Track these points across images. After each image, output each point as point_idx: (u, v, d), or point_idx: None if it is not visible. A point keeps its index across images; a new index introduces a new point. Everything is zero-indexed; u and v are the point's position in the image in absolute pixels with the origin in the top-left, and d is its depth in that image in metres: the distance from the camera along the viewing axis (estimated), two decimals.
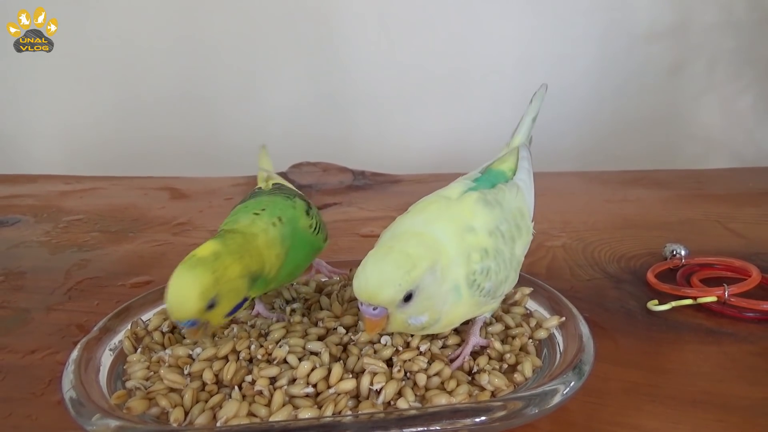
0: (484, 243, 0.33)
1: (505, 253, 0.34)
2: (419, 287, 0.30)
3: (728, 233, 0.62)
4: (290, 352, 0.35)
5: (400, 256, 0.30)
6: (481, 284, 0.33)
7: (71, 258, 0.63)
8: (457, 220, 0.34)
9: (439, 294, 0.31)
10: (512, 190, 0.38)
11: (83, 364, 0.35)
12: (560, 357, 0.36)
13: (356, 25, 1.11)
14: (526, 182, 0.40)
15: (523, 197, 0.39)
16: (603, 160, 1.11)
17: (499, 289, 0.34)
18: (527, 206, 0.39)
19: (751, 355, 0.39)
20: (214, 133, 1.20)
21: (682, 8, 1.04)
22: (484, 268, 0.33)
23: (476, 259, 0.33)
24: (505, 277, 0.35)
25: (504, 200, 0.37)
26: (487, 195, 0.36)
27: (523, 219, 0.37)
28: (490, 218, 0.35)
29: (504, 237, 0.35)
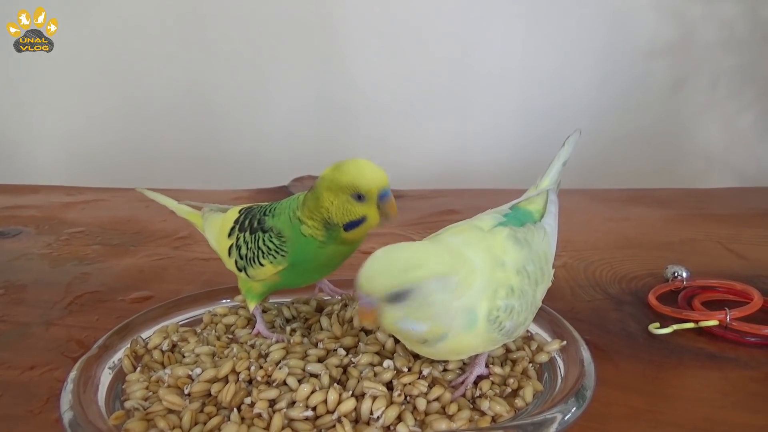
0: (513, 281, 0.32)
1: (529, 295, 0.33)
2: (418, 290, 0.29)
3: (729, 254, 0.62)
4: (290, 373, 0.34)
5: (410, 252, 0.30)
6: (503, 322, 0.31)
7: (72, 271, 0.63)
8: (492, 251, 0.33)
9: (447, 307, 0.30)
10: (540, 232, 0.37)
11: (82, 383, 0.35)
12: (561, 381, 0.36)
13: (359, 39, 1.12)
14: (552, 227, 0.39)
15: (548, 242, 0.37)
16: (603, 175, 1.11)
17: (517, 330, 0.33)
18: (551, 252, 0.38)
19: (753, 381, 0.39)
20: (216, 144, 1.20)
21: (683, 25, 1.04)
22: (509, 306, 0.32)
23: (502, 295, 0.31)
24: (525, 319, 0.33)
25: (532, 241, 0.35)
26: (517, 233, 0.35)
27: (546, 264, 0.36)
28: (519, 256, 0.34)
29: (530, 278, 0.33)
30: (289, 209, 0.39)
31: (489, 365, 0.36)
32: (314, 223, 0.37)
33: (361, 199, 0.36)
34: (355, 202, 0.36)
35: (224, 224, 0.42)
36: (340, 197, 0.36)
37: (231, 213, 0.43)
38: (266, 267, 0.38)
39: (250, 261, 0.39)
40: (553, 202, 0.41)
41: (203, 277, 0.60)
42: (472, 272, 0.31)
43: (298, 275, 0.40)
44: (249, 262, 0.39)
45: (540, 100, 1.11)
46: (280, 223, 0.39)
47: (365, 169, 0.36)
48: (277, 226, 0.39)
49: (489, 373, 0.36)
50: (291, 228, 0.38)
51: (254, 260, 0.39)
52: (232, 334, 0.42)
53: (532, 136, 1.13)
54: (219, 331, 0.42)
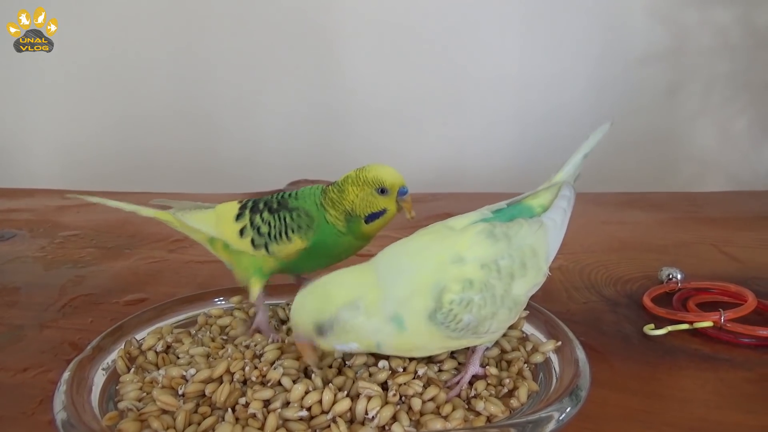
0: (472, 275, 0.33)
1: (497, 289, 0.33)
2: (333, 322, 0.32)
3: (724, 257, 0.63)
4: (285, 374, 0.34)
5: (319, 293, 0.34)
6: (458, 314, 0.32)
7: (66, 274, 0.62)
8: (447, 251, 0.34)
9: (365, 326, 0.32)
10: (533, 226, 0.36)
11: (75, 384, 0.35)
12: (556, 381, 0.36)
13: (355, 44, 1.12)
14: (555, 222, 0.38)
15: (543, 236, 0.36)
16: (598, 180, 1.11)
17: (483, 324, 0.33)
18: (546, 247, 0.37)
19: (747, 381, 0.39)
20: (212, 148, 1.20)
21: (678, 32, 1.05)
22: (465, 299, 0.32)
23: (455, 289, 0.32)
24: (492, 313, 0.33)
25: (515, 235, 0.35)
26: (496, 228, 0.35)
27: (533, 258, 0.35)
28: (489, 251, 0.34)
29: (500, 272, 0.33)
30: (314, 196, 0.43)
31: (485, 366, 0.36)
32: (336, 214, 0.41)
33: (384, 193, 0.41)
34: (378, 195, 0.41)
35: (225, 213, 0.44)
36: (365, 190, 0.41)
37: (227, 205, 0.45)
38: (295, 242, 0.41)
39: (275, 237, 0.42)
40: (564, 197, 0.39)
41: (198, 280, 0.60)
42: (379, 291, 0.33)
43: (312, 259, 0.43)
44: (273, 238, 0.42)
45: (536, 105, 1.12)
46: (307, 205, 0.42)
47: (389, 168, 0.42)
48: (305, 207, 0.42)
49: (485, 373, 0.36)
50: (317, 212, 0.42)
51: (281, 235, 0.41)
52: (226, 336, 0.42)
53: (528, 140, 1.13)
54: (213, 333, 0.42)
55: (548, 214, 0.38)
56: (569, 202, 0.39)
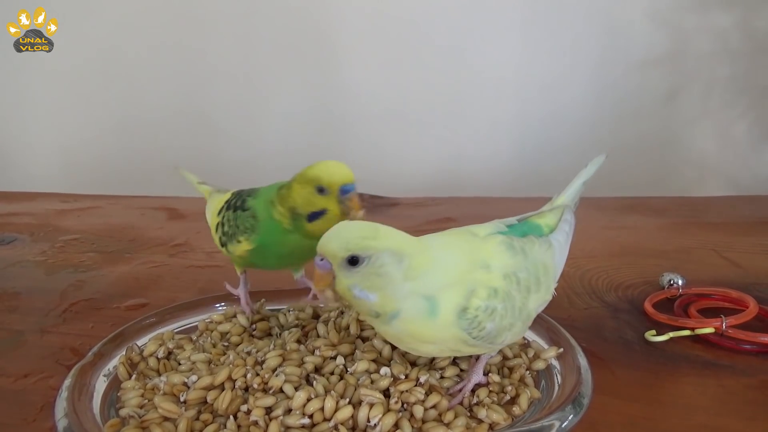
0: (497, 283, 0.33)
1: (517, 301, 0.33)
2: (372, 258, 0.30)
3: (724, 262, 0.63)
4: (286, 381, 0.34)
5: (370, 227, 0.31)
6: (483, 322, 0.32)
7: (67, 279, 0.62)
8: (475, 254, 0.33)
9: (396, 283, 0.31)
10: (543, 245, 0.36)
11: (76, 391, 0.35)
12: (558, 389, 0.36)
13: (354, 48, 1.12)
14: (561, 244, 0.38)
15: (551, 255, 0.37)
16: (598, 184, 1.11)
17: (501, 335, 0.33)
18: (554, 266, 0.37)
19: (749, 388, 0.39)
20: (212, 151, 1.20)
21: (677, 36, 1.05)
22: (490, 307, 0.32)
23: (482, 295, 0.32)
24: (510, 324, 0.33)
25: (531, 251, 0.35)
26: (514, 241, 0.35)
27: (545, 275, 0.35)
28: (510, 262, 0.34)
29: (519, 284, 0.33)
30: (269, 194, 0.42)
31: (488, 374, 0.36)
32: (283, 210, 0.41)
33: (323, 192, 0.39)
34: (317, 195, 0.39)
35: (218, 204, 0.46)
36: (306, 189, 0.39)
37: (227, 194, 0.46)
38: (242, 244, 0.42)
39: (230, 237, 0.43)
40: (567, 221, 0.40)
41: (198, 285, 0.60)
42: (428, 261, 0.32)
43: (266, 258, 0.43)
44: (229, 238, 0.43)
45: (536, 109, 1.12)
46: (257, 204, 0.42)
47: (330, 166, 0.40)
48: (254, 207, 0.42)
49: (488, 381, 0.36)
50: (265, 210, 0.41)
51: (233, 237, 0.42)
52: (228, 342, 0.42)
53: (527, 145, 1.13)
54: (215, 339, 0.42)
55: (554, 235, 0.38)
56: (570, 227, 0.40)
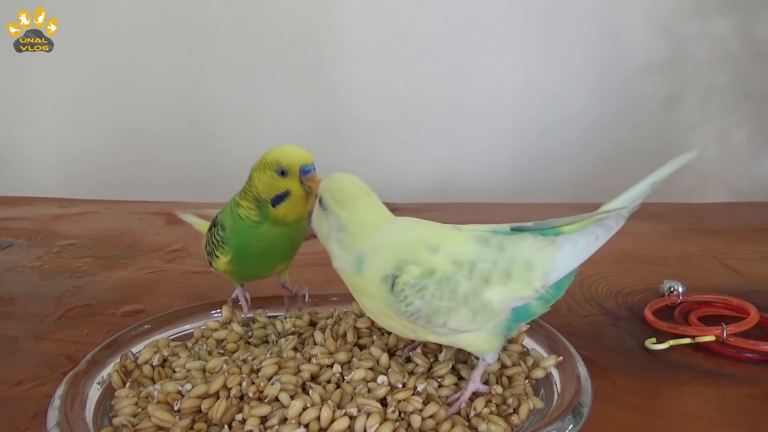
0: (438, 265, 0.33)
1: (461, 286, 0.33)
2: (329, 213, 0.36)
3: (725, 269, 0.62)
4: (282, 389, 0.34)
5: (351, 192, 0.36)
6: (409, 297, 0.33)
7: (63, 284, 0.62)
8: (428, 238, 0.35)
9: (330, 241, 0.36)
10: (538, 242, 0.35)
11: (69, 399, 0.34)
12: (558, 397, 0.35)
13: (354, 54, 1.12)
14: (575, 244, 0.35)
15: (548, 254, 0.35)
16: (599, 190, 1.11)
17: (435, 316, 0.33)
18: (549, 265, 0.35)
19: (750, 398, 0.39)
20: (210, 158, 1.20)
21: (677, 43, 1.05)
22: (419, 285, 0.33)
23: (414, 272, 0.33)
24: (447, 308, 0.33)
25: (512, 246, 0.34)
26: (491, 237, 0.35)
27: (524, 271, 0.34)
28: (469, 251, 0.34)
29: (472, 273, 0.33)
30: (231, 200, 0.43)
31: (486, 382, 0.36)
32: (248, 203, 0.41)
33: (284, 174, 0.40)
34: (279, 177, 0.40)
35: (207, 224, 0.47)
36: (266, 173, 0.40)
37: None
38: (221, 258, 0.43)
39: (211, 255, 0.44)
40: (604, 225, 0.37)
41: (195, 291, 0.59)
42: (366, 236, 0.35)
43: (248, 263, 0.43)
44: (211, 256, 0.44)
45: (536, 115, 1.12)
46: (223, 215, 0.43)
47: (287, 148, 0.41)
48: (221, 218, 0.43)
49: (490, 391, 0.35)
50: (231, 215, 0.42)
51: (212, 254, 0.43)
52: (223, 350, 0.42)
53: (527, 151, 1.13)
54: (210, 346, 0.42)
55: (570, 236, 0.36)
56: (608, 232, 0.37)
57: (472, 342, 0.35)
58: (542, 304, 0.36)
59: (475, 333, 0.35)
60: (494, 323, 0.35)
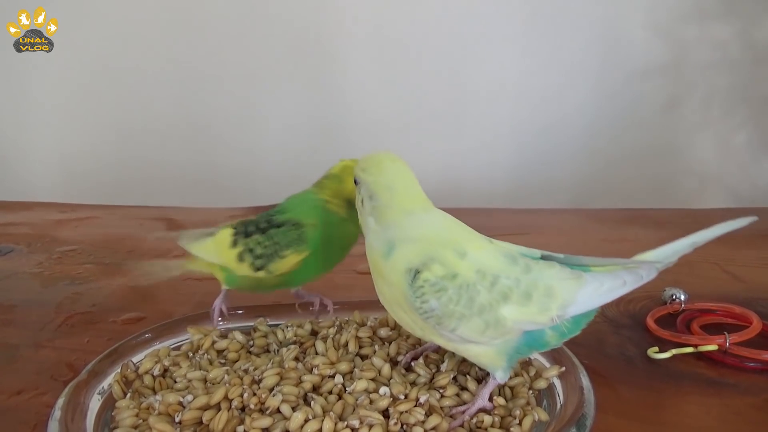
0: (462, 271, 0.33)
1: (480, 296, 0.33)
2: (360, 185, 0.37)
3: (727, 276, 0.62)
4: (284, 401, 0.34)
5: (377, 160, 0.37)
6: (426, 294, 0.33)
7: (63, 291, 0.62)
8: (459, 242, 0.34)
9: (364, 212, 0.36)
10: (564, 273, 0.35)
11: (70, 410, 0.34)
12: (560, 408, 0.35)
13: (353, 58, 1.12)
14: (601, 284, 0.36)
15: (571, 286, 0.35)
16: (597, 194, 1.11)
17: (447, 320, 0.33)
18: (569, 297, 0.34)
19: (754, 408, 0.38)
20: (212, 161, 1.20)
21: (677, 46, 1.05)
22: (439, 285, 0.33)
23: (437, 271, 0.33)
24: (461, 315, 0.33)
25: (538, 271, 0.34)
26: (520, 257, 0.35)
27: (544, 296, 0.34)
28: (495, 264, 0.34)
29: (494, 286, 0.33)
30: (306, 199, 0.44)
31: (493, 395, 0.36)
32: (339, 202, 0.43)
33: None
34: None
35: (222, 240, 0.45)
36: None
37: (223, 232, 0.46)
38: (289, 257, 0.42)
39: (269, 257, 0.42)
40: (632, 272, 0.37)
41: (196, 298, 0.59)
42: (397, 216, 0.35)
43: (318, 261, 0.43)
44: (269, 258, 0.42)
45: (535, 119, 1.12)
46: (296, 215, 0.43)
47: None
48: (294, 218, 0.43)
49: (493, 406, 0.35)
50: (315, 211, 0.43)
51: (274, 255, 0.42)
52: (224, 359, 0.41)
53: (526, 155, 1.13)
54: (211, 356, 0.42)
55: (599, 275, 0.36)
56: (638, 280, 0.37)
57: (477, 354, 0.35)
58: (557, 336, 0.36)
59: (482, 346, 0.34)
60: (503, 341, 0.34)
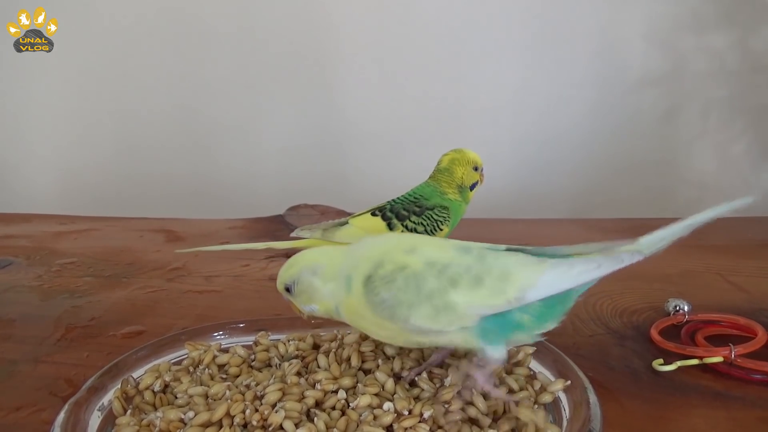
0: (410, 263, 0.35)
1: (427, 283, 0.34)
2: (296, 281, 0.37)
3: (730, 287, 0.62)
4: (286, 417, 0.33)
5: (293, 258, 0.39)
6: (377, 287, 0.34)
7: (62, 305, 0.61)
8: (409, 243, 0.36)
9: (320, 289, 0.37)
10: (526, 260, 0.35)
11: (69, 428, 0.34)
12: (567, 423, 0.35)
13: (352, 70, 1.12)
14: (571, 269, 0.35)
15: (533, 270, 0.34)
16: (597, 204, 1.11)
17: (398, 308, 0.34)
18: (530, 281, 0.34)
19: (761, 421, 0.38)
20: (210, 174, 1.20)
21: (674, 56, 1.05)
22: (388, 277, 0.34)
23: (389, 268, 0.35)
24: (410, 302, 0.33)
25: (493, 259, 0.35)
26: (474, 247, 0.36)
27: (498, 280, 0.34)
28: (446, 257, 0.35)
29: (441, 273, 0.34)
30: (435, 191, 0.59)
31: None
32: (452, 190, 0.59)
33: (477, 170, 0.60)
34: (474, 171, 0.60)
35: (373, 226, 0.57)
36: (467, 168, 0.60)
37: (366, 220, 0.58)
38: (444, 230, 0.58)
39: (431, 232, 0.57)
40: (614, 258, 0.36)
41: (197, 311, 0.59)
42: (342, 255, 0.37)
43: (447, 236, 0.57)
44: (431, 233, 0.57)
45: (534, 129, 1.12)
46: (438, 200, 0.59)
47: (471, 152, 0.61)
48: (438, 203, 0.58)
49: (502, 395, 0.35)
50: (445, 200, 0.59)
51: (435, 230, 0.57)
52: (226, 374, 0.41)
53: (525, 164, 1.13)
54: (213, 371, 0.41)
55: (568, 259, 0.35)
56: (615, 263, 0.36)
57: (449, 341, 0.35)
58: (531, 319, 0.35)
59: (448, 335, 0.35)
60: (461, 328, 0.34)
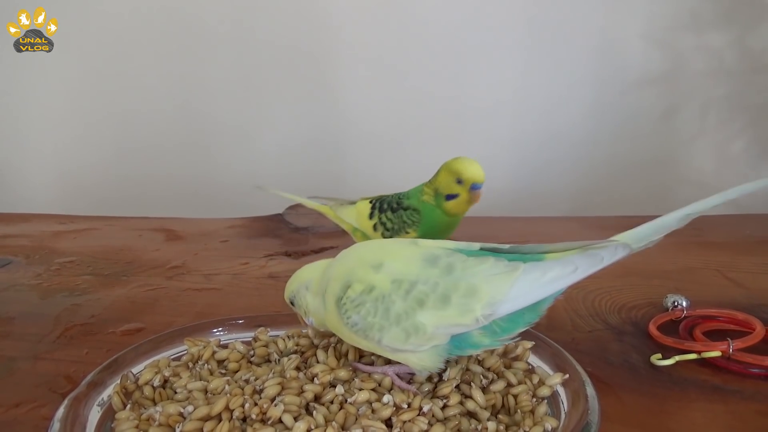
0: (378, 283, 0.34)
1: (396, 306, 0.33)
2: (296, 297, 0.40)
3: (729, 283, 0.62)
4: (285, 410, 0.33)
5: (295, 274, 0.41)
6: (348, 311, 0.35)
7: (62, 303, 0.61)
8: (376, 256, 0.36)
9: (311, 303, 0.39)
10: (498, 267, 0.33)
11: (69, 423, 0.34)
12: (565, 417, 0.35)
13: (352, 70, 1.13)
14: (544, 275, 0.32)
15: (504, 281, 0.32)
16: (597, 202, 1.11)
17: (369, 331, 0.34)
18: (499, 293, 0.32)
19: (759, 414, 0.38)
20: (210, 173, 1.20)
21: (673, 56, 1.06)
22: (357, 300, 0.35)
23: (357, 288, 0.35)
24: (380, 325, 0.34)
25: (462, 269, 0.33)
26: (444, 257, 0.34)
27: (465, 297, 0.32)
28: (412, 271, 0.34)
29: (408, 294, 0.33)
30: (418, 191, 0.58)
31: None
32: (429, 190, 0.57)
33: (460, 183, 0.55)
34: (455, 184, 0.55)
35: (362, 210, 0.60)
36: (449, 177, 0.55)
37: (362, 204, 0.61)
38: (410, 233, 0.57)
39: (396, 231, 0.57)
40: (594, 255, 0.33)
41: (196, 309, 0.59)
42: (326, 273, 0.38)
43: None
44: (396, 232, 0.57)
45: (533, 129, 1.12)
46: (413, 201, 0.58)
47: (468, 164, 0.55)
48: (412, 205, 0.57)
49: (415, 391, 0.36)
50: (418, 202, 0.57)
51: (401, 230, 0.57)
52: (225, 369, 0.41)
53: (525, 164, 1.13)
54: (212, 366, 0.41)
55: (543, 264, 0.33)
56: (594, 264, 0.33)
57: (417, 362, 0.34)
58: (488, 336, 0.33)
59: (417, 354, 0.34)
60: (432, 347, 0.34)
